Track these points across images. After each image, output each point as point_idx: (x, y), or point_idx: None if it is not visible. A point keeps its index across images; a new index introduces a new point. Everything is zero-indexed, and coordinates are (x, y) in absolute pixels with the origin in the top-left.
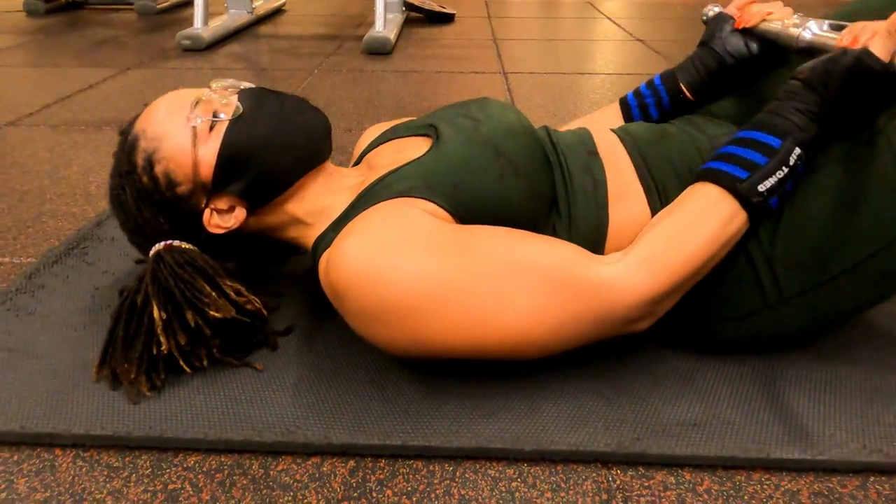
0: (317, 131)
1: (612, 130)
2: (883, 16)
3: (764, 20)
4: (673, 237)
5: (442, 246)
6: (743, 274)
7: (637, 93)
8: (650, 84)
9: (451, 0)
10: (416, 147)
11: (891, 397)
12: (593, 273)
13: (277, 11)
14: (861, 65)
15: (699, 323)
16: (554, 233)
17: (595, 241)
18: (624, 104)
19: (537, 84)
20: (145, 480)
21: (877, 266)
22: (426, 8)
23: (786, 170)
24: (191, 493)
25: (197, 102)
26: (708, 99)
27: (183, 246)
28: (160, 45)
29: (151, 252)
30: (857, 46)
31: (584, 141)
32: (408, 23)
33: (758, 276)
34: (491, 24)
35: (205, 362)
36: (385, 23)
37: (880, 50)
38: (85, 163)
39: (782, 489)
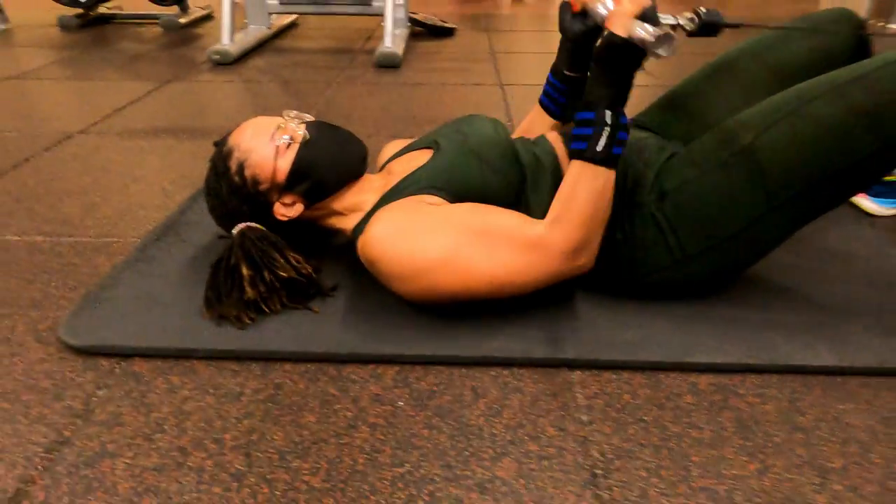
0: (359, 156)
1: (560, 134)
2: None
3: (585, 3)
4: (565, 201)
5: (437, 225)
6: (657, 239)
7: (545, 91)
8: (547, 80)
9: (450, 15)
10: (423, 157)
11: (764, 324)
12: (533, 231)
13: (291, 26)
14: (610, 41)
15: (634, 277)
16: (528, 204)
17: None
18: (541, 104)
19: (531, 95)
20: (258, 378)
21: (743, 237)
22: (429, 23)
23: (608, 128)
24: (290, 384)
25: (279, 127)
26: (586, 69)
27: (259, 227)
28: (191, 58)
29: (235, 230)
30: (609, 26)
31: (545, 146)
32: (412, 37)
33: (666, 240)
34: (489, 37)
35: (278, 307)
36: (393, 38)
37: (619, 27)
38: (154, 165)
39: (689, 382)
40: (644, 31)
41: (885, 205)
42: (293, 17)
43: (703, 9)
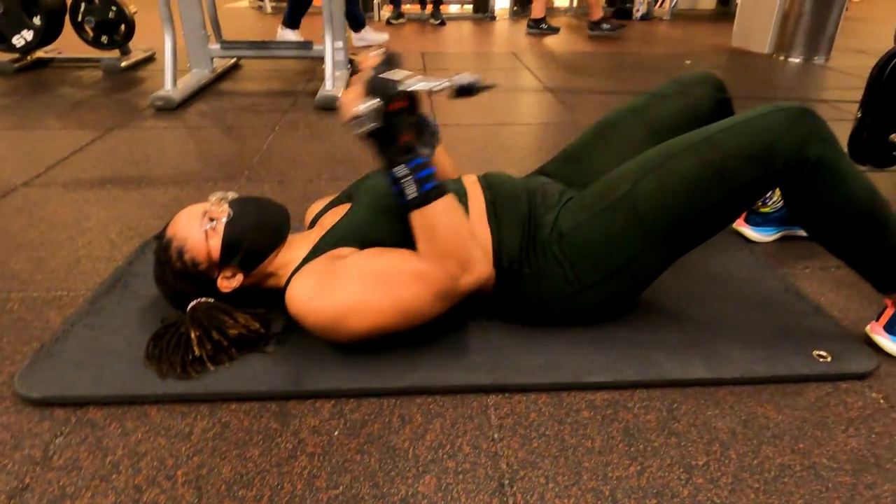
0: (281, 219)
1: (478, 177)
2: None
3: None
4: (423, 242)
5: (343, 275)
6: (557, 273)
7: None
8: None
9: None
10: (343, 210)
11: (651, 344)
12: (415, 266)
13: (234, 67)
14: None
15: (539, 307)
16: None
17: None
18: None
19: (462, 135)
20: (206, 418)
21: (628, 268)
22: None
23: (408, 177)
24: (236, 422)
25: (204, 213)
26: None
27: (208, 300)
28: (133, 104)
29: (188, 308)
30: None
31: (458, 188)
32: (352, 76)
33: (565, 273)
34: (427, 76)
35: (227, 363)
36: (334, 81)
37: (348, 109)
38: (101, 216)
39: (587, 399)
40: (357, 110)
41: (763, 233)
42: (235, 59)
43: (456, 75)
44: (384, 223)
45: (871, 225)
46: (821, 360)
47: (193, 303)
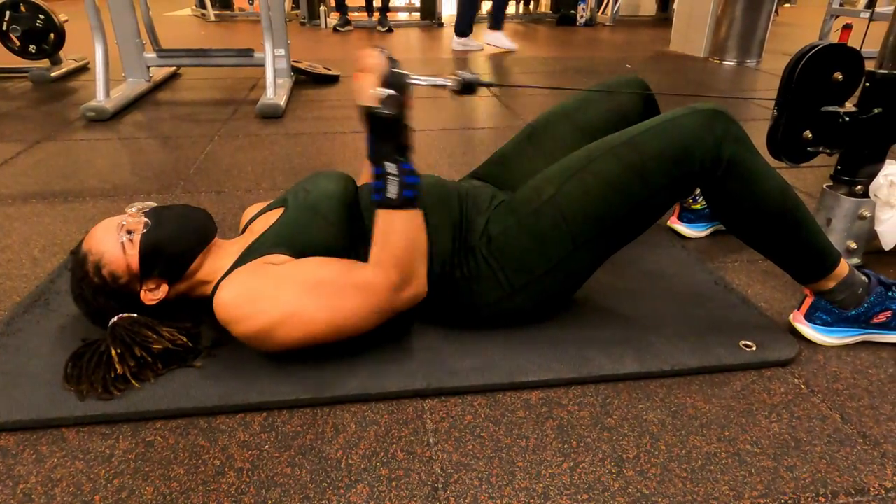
0: (200, 224)
1: None
2: None
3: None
4: (379, 244)
5: (276, 284)
6: (488, 276)
7: None
8: None
9: (337, 61)
10: (275, 216)
11: (584, 342)
12: (360, 275)
13: (173, 76)
14: (361, 112)
15: (472, 310)
16: (364, 252)
17: None
18: None
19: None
20: (129, 438)
21: (558, 270)
22: (312, 71)
23: (393, 177)
24: (161, 441)
25: (120, 225)
26: None
27: (130, 315)
28: (63, 115)
29: (109, 324)
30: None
31: None
32: (296, 84)
33: (496, 276)
34: None
35: (152, 379)
36: (276, 89)
37: (363, 98)
38: (22, 233)
39: (522, 398)
40: (373, 98)
41: (695, 229)
42: (174, 67)
43: (461, 71)
44: (315, 227)
45: (784, 220)
46: (747, 349)
47: (114, 319)
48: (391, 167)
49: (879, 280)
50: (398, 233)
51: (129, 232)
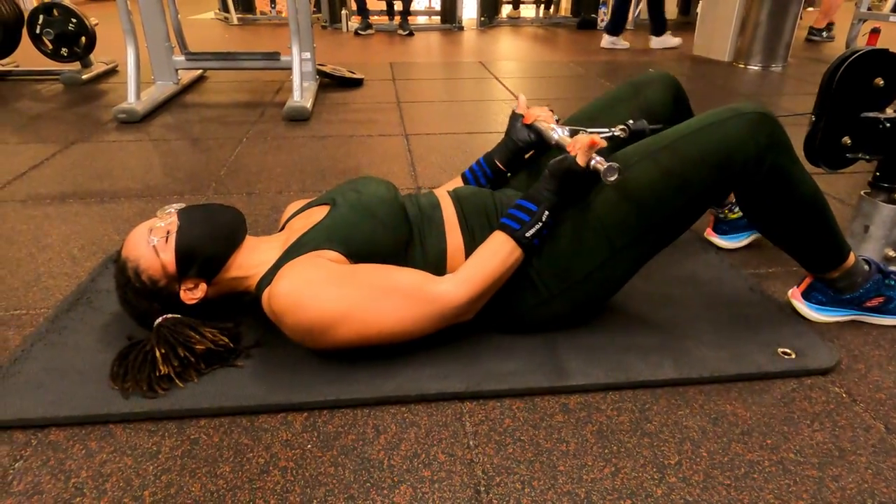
0: (232, 221)
1: (448, 192)
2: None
3: (536, 120)
4: (479, 264)
5: (342, 281)
6: (527, 284)
7: (471, 169)
8: (478, 162)
9: (359, 64)
10: (321, 213)
11: (622, 347)
12: (434, 289)
13: (200, 79)
14: (571, 168)
15: (511, 315)
16: (413, 260)
17: (439, 261)
18: (464, 177)
19: (432, 144)
20: (174, 435)
21: (595, 276)
22: (337, 75)
23: (540, 224)
24: (205, 438)
25: (151, 229)
26: (515, 168)
27: (174, 315)
28: (95, 117)
29: (154, 326)
30: (573, 153)
31: (431, 200)
32: (321, 88)
33: (534, 283)
34: (395, 86)
35: (195, 379)
36: (302, 92)
37: (580, 160)
38: (62, 232)
39: (560, 402)
40: (596, 162)
41: (731, 240)
42: (201, 70)
43: (630, 122)
44: (371, 228)
45: (809, 221)
46: (785, 357)
47: (159, 320)
48: (545, 215)
49: (879, 268)
50: (501, 262)
51: (161, 235)
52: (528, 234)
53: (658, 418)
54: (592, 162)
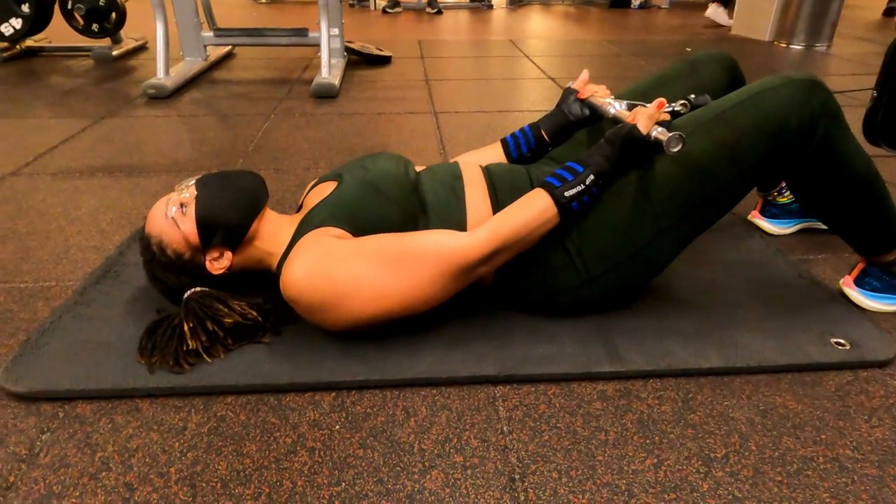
0: (251, 186)
1: (480, 166)
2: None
3: (592, 95)
4: (506, 215)
5: (347, 255)
6: (565, 262)
7: (514, 135)
8: (522, 130)
9: (388, 42)
10: (328, 189)
11: (663, 333)
12: (448, 243)
13: (228, 56)
14: (631, 133)
15: (546, 297)
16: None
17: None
18: (504, 142)
19: (462, 122)
20: (201, 412)
21: (639, 256)
22: (365, 52)
23: (583, 186)
24: (232, 416)
25: (167, 203)
26: (558, 142)
27: (202, 288)
28: (125, 93)
29: (183, 299)
30: (632, 121)
31: (452, 170)
32: (349, 65)
33: (574, 263)
34: (424, 64)
35: (222, 355)
36: (330, 69)
37: (642, 126)
38: (91, 205)
39: (598, 389)
40: (659, 132)
41: (779, 225)
42: (229, 47)
43: (692, 96)
44: (376, 205)
45: (864, 198)
46: (839, 347)
47: (188, 293)
48: (590, 179)
49: None
50: (532, 217)
51: (180, 206)
52: (567, 194)
53: (702, 409)
54: (654, 132)
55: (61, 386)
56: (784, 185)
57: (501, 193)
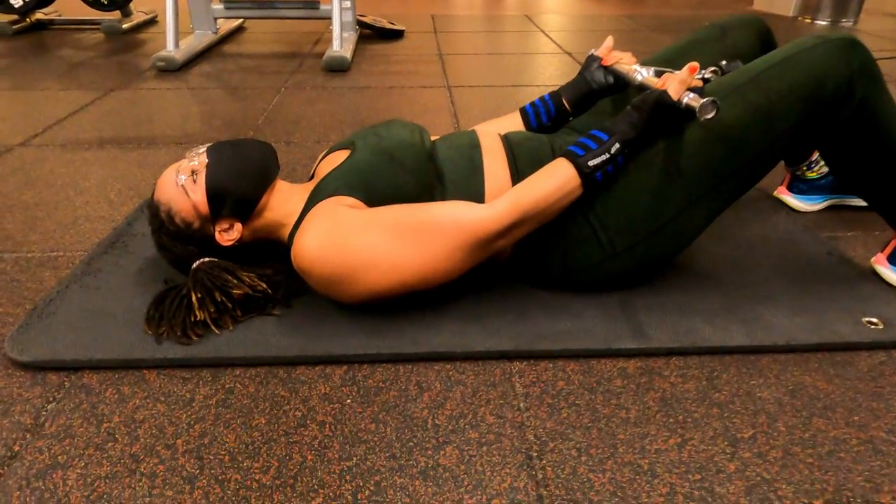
0: (263, 156)
1: (499, 135)
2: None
3: (617, 62)
4: (527, 185)
5: (361, 225)
6: (588, 237)
7: (533, 104)
8: (542, 99)
9: (400, 16)
10: (341, 157)
11: (686, 310)
12: (466, 214)
13: (238, 29)
14: (661, 99)
15: (565, 272)
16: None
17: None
18: (523, 111)
19: (476, 96)
20: (209, 384)
21: (666, 230)
22: (377, 25)
23: (607, 155)
24: (241, 388)
25: (178, 170)
26: (580, 111)
27: (211, 259)
28: (135, 65)
29: (191, 269)
30: (662, 88)
31: (470, 139)
32: (361, 39)
33: (598, 237)
34: (437, 38)
35: (231, 326)
36: (342, 42)
37: (673, 92)
38: (99, 176)
39: (618, 367)
40: (692, 99)
41: (807, 201)
42: (240, 20)
43: (724, 62)
44: (391, 173)
45: None
46: (872, 326)
47: (196, 263)
48: (615, 148)
49: None
50: (554, 188)
51: (191, 174)
52: (591, 164)
53: (728, 387)
54: (685, 98)
55: (67, 356)
56: (813, 159)
57: (521, 163)
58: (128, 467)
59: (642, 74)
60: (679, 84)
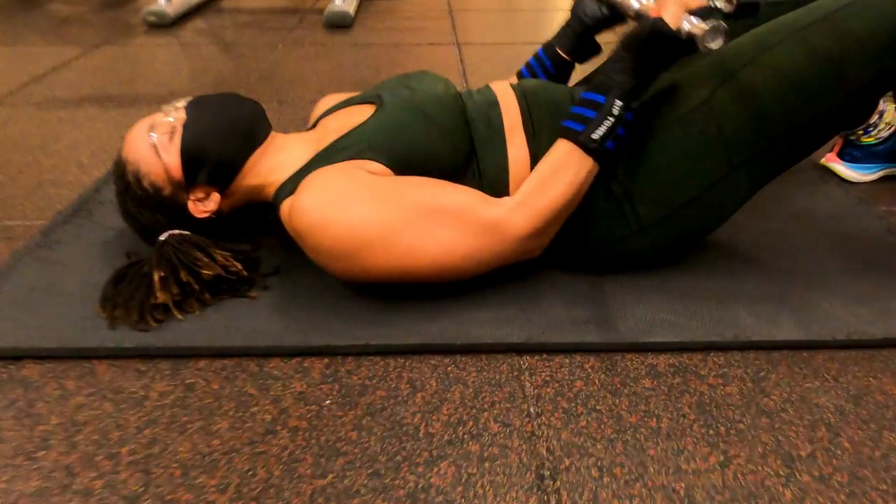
0: (250, 116)
1: (511, 84)
2: None
3: None
4: (540, 185)
5: (380, 197)
6: (612, 212)
7: (528, 65)
8: (536, 56)
9: None
10: (364, 113)
11: (726, 295)
12: (492, 212)
13: None
14: (657, 29)
15: (588, 251)
16: (472, 177)
17: (498, 180)
18: (519, 75)
19: (487, 54)
20: (167, 378)
21: (703, 201)
22: None
23: (612, 119)
24: (203, 384)
25: (153, 125)
26: (582, 56)
27: (181, 231)
28: (125, 21)
29: (157, 242)
30: (657, 15)
31: (487, 96)
32: None
33: (623, 212)
34: None
35: (197, 311)
36: None
37: (670, 19)
38: (72, 137)
39: (647, 363)
40: (693, 25)
41: (861, 171)
42: None
43: None
44: (426, 133)
45: None
46: None
47: (164, 236)
48: (617, 107)
49: None
50: (570, 182)
51: (164, 132)
52: (595, 137)
53: (778, 391)
54: (686, 25)
55: (7, 343)
56: (872, 121)
57: (538, 120)
58: (59, 482)
59: (637, 2)
60: (676, 6)
